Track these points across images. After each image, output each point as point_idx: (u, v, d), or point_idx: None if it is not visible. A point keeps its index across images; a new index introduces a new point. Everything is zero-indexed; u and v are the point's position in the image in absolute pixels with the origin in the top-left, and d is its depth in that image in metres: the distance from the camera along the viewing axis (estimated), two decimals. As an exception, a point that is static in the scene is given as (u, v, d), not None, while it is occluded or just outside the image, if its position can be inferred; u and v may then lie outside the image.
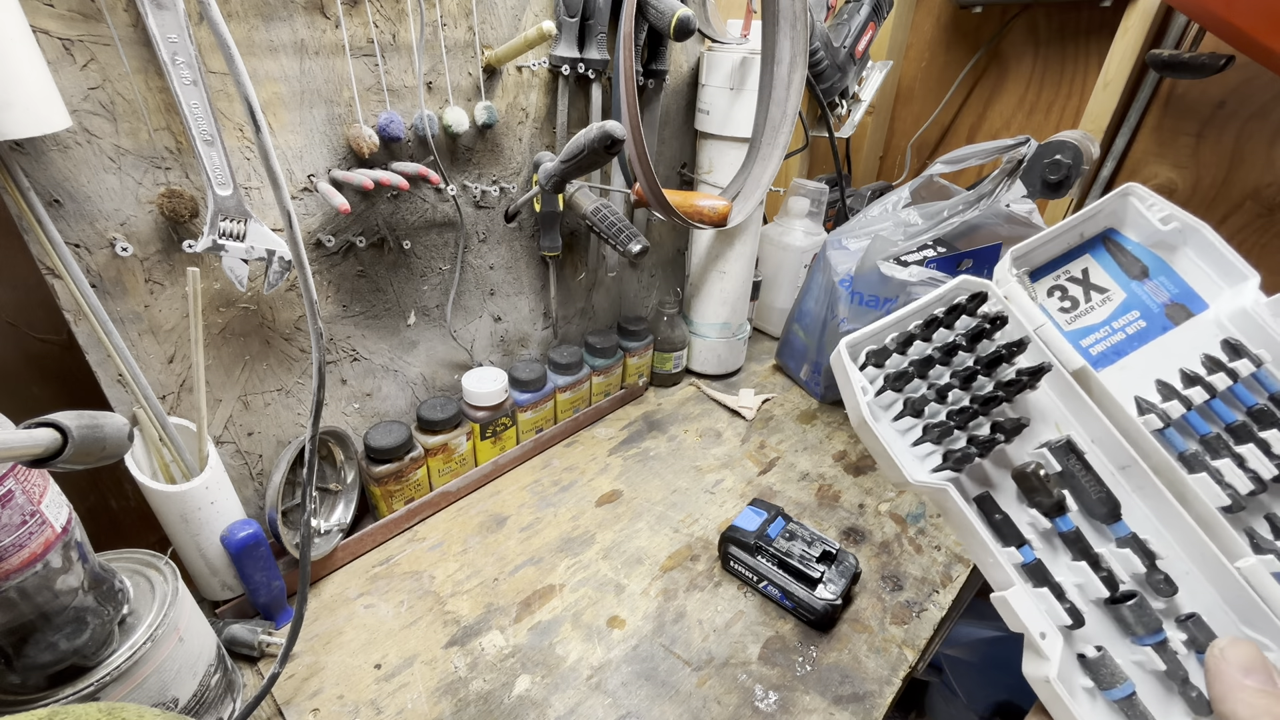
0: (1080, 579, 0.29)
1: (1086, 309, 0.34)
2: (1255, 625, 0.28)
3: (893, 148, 1.25)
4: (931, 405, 0.32)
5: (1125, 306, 0.34)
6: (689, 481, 0.70)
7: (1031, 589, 0.29)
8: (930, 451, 0.32)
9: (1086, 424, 0.31)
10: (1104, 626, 0.29)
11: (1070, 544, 0.30)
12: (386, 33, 0.49)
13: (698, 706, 0.47)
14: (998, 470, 0.32)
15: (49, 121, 0.35)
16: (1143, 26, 0.85)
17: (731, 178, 0.76)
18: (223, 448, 0.52)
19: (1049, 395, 0.33)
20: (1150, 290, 0.34)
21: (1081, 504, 0.30)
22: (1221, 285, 0.33)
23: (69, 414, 0.27)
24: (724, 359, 0.88)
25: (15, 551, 0.31)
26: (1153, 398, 0.32)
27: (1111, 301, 0.34)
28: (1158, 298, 0.34)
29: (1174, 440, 0.31)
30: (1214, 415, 0.31)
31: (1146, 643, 0.28)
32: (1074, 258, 0.36)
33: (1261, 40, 0.60)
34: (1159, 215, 0.34)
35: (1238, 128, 0.88)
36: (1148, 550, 0.29)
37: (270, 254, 0.45)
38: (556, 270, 0.72)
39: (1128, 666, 0.28)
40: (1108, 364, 0.33)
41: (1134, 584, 0.29)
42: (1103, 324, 0.34)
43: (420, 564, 0.58)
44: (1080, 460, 0.30)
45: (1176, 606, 0.29)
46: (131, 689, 0.36)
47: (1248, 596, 0.28)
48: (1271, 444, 0.29)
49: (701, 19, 0.70)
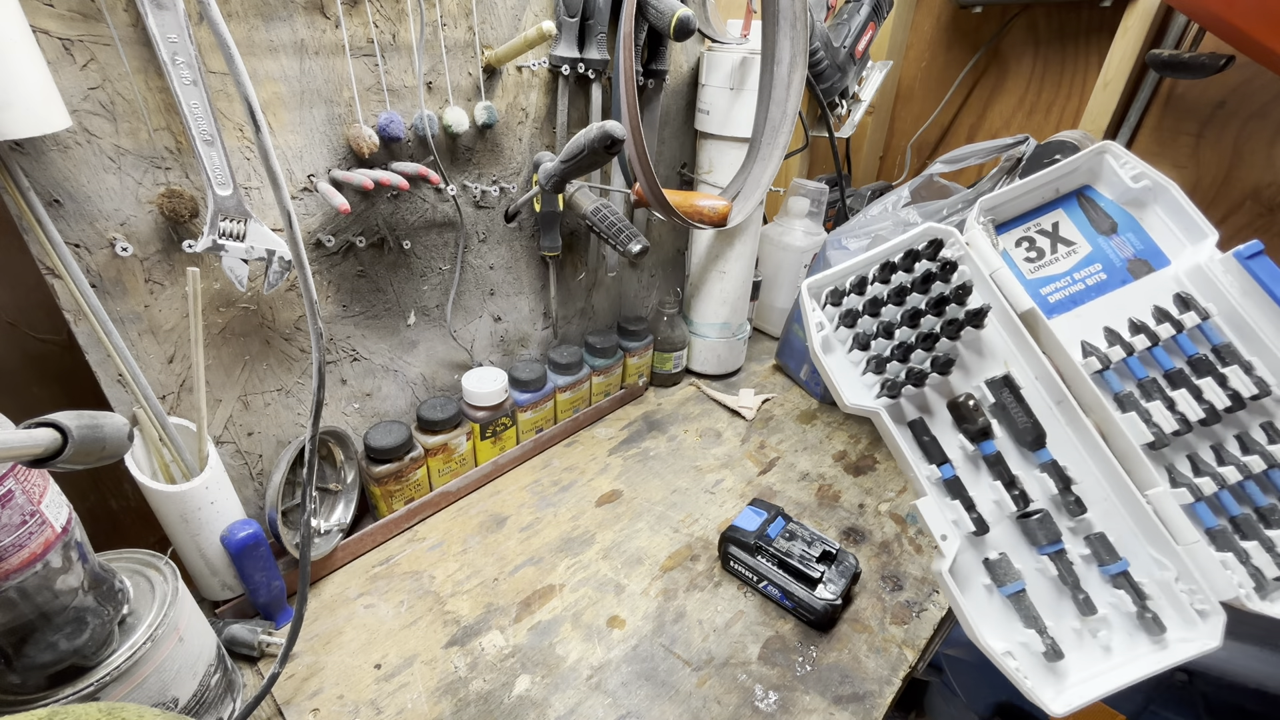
0: (998, 496, 0.33)
1: (1051, 259, 0.36)
2: (1161, 549, 0.31)
3: (893, 148, 1.25)
4: (879, 341, 0.35)
5: (1089, 259, 0.36)
6: (689, 481, 0.70)
7: (946, 500, 0.33)
8: (873, 382, 0.35)
9: (1029, 362, 0.34)
10: (1012, 537, 0.33)
11: (992, 466, 0.33)
12: (386, 33, 0.49)
13: (698, 706, 0.47)
14: (939, 400, 0.35)
15: (49, 121, 0.35)
16: (1143, 26, 0.85)
17: (731, 178, 0.76)
18: (223, 448, 0.52)
19: (1000, 335, 0.35)
20: (1116, 245, 0.36)
21: (1011, 432, 0.34)
22: (1185, 243, 0.34)
23: (69, 414, 0.27)
24: (724, 359, 0.88)
25: (15, 551, 0.31)
26: (1100, 344, 0.34)
27: (1077, 254, 0.36)
28: (1122, 252, 0.35)
29: (1112, 382, 0.33)
30: (1155, 362, 0.33)
31: (1046, 551, 0.32)
32: (1047, 211, 0.37)
33: (1261, 40, 0.60)
34: (1131, 173, 0.35)
35: (1238, 128, 0.88)
36: (1065, 476, 0.32)
37: (270, 254, 0.45)
38: (556, 270, 0.72)
39: (1028, 572, 0.32)
40: (1064, 311, 0.35)
41: (1047, 503, 0.33)
42: (1065, 274, 0.36)
43: (420, 564, 0.58)
44: (1015, 394, 0.34)
45: (1088, 525, 0.32)
46: (131, 689, 0.36)
47: (1153, 522, 0.31)
48: (1204, 390, 0.31)
49: (701, 19, 0.70)
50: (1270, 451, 0.30)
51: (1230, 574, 0.29)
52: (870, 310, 0.35)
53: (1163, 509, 0.31)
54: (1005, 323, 0.35)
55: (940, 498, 0.33)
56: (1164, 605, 0.30)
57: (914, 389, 0.34)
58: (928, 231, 0.36)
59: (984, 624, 0.31)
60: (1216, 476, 0.30)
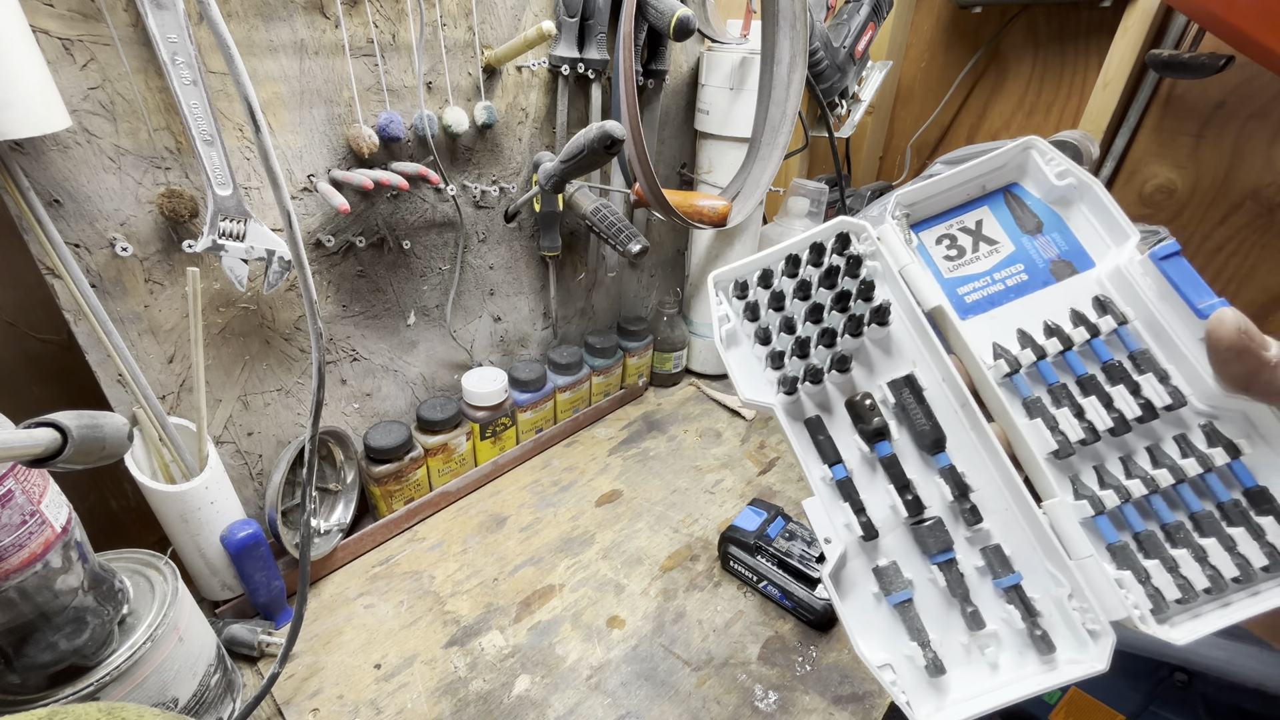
0: (892, 501, 0.32)
1: (972, 259, 0.35)
2: (1056, 564, 0.30)
3: (892, 148, 1.25)
4: (781, 336, 0.35)
5: (1011, 259, 0.34)
6: (689, 481, 0.70)
7: (836, 503, 0.32)
8: (773, 378, 0.34)
9: (935, 362, 0.33)
10: (903, 544, 0.32)
11: (887, 469, 0.32)
12: (386, 33, 0.49)
13: (697, 706, 0.47)
14: (839, 399, 0.34)
15: (49, 121, 0.35)
16: (1142, 27, 0.85)
17: (731, 178, 0.76)
18: (223, 448, 0.52)
19: (908, 333, 0.34)
20: (1040, 245, 0.34)
21: (911, 435, 0.33)
22: (1109, 244, 0.33)
23: (69, 414, 0.27)
24: (724, 359, 0.88)
25: (15, 551, 0.31)
26: (1012, 347, 0.33)
27: (999, 253, 0.35)
28: (1046, 253, 0.34)
29: (1020, 386, 0.32)
30: (1068, 367, 0.32)
31: (936, 560, 0.31)
32: (971, 209, 0.36)
33: (1261, 40, 0.60)
34: (1055, 170, 0.34)
35: (1238, 128, 0.88)
36: (962, 483, 0.31)
37: (270, 254, 0.45)
38: (556, 270, 0.72)
39: (919, 582, 0.31)
40: (979, 312, 0.34)
41: (943, 511, 0.32)
42: (984, 274, 0.34)
43: (420, 564, 0.58)
44: (916, 395, 0.33)
45: (985, 536, 0.31)
46: (131, 689, 0.36)
47: (1048, 535, 0.30)
48: (1115, 399, 0.30)
49: (701, 19, 0.70)
50: (1180, 466, 0.28)
51: (1125, 593, 0.27)
52: (773, 305, 0.35)
53: (1059, 521, 0.30)
54: (912, 321, 0.34)
55: (831, 499, 0.32)
56: (1056, 623, 0.29)
57: (812, 386, 0.34)
58: (838, 225, 0.35)
59: (867, 634, 0.30)
60: (1120, 489, 0.29)
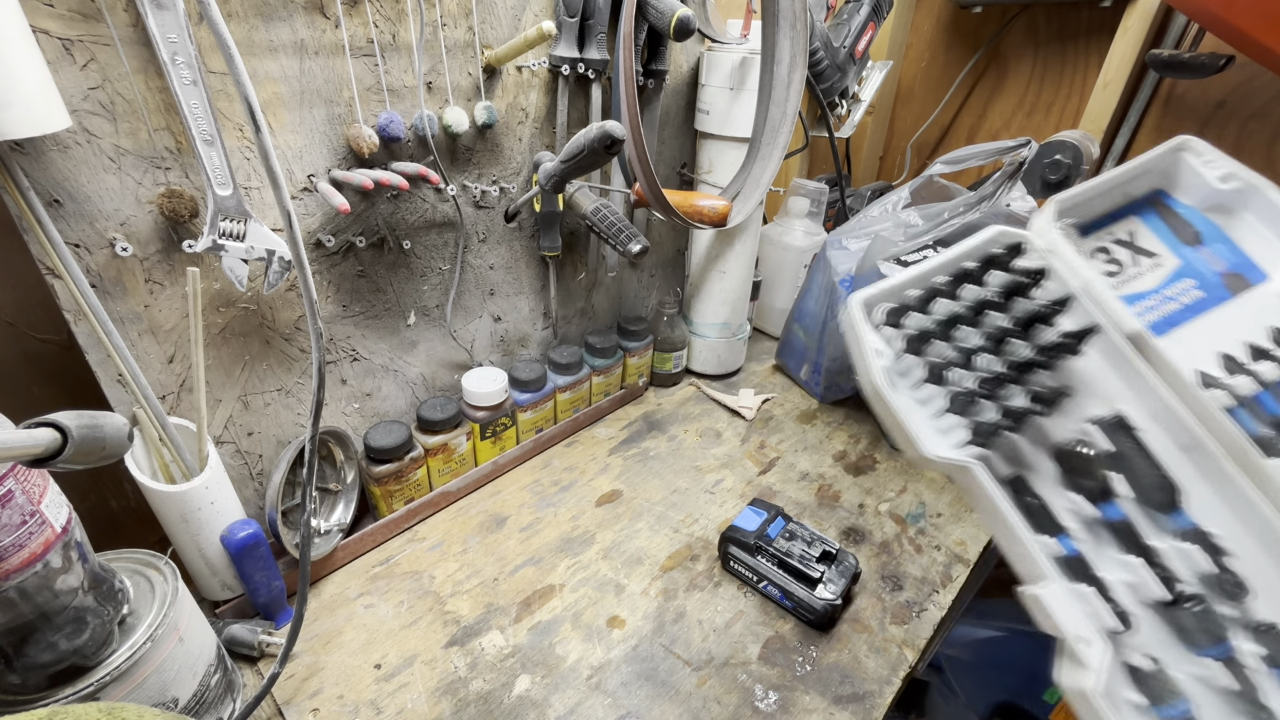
0: (1131, 576, 0.25)
1: (1134, 274, 0.31)
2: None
3: (893, 148, 1.25)
4: (957, 371, 0.28)
5: (1179, 274, 0.30)
6: (689, 481, 0.70)
7: (1071, 585, 0.25)
8: (955, 424, 0.28)
9: (1143, 398, 0.27)
10: (1158, 633, 0.25)
11: (1119, 535, 0.26)
12: (386, 33, 0.49)
13: (698, 706, 0.47)
14: (1035, 449, 0.28)
15: (49, 121, 0.35)
16: (1142, 26, 0.85)
17: (731, 178, 0.76)
18: (223, 448, 0.52)
19: (1098, 364, 0.28)
20: (1205, 257, 0.30)
21: (1135, 489, 0.26)
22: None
23: (69, 414, 0.27)
24: (724, 359, 0.88)
25: (15, 551, 0.31)
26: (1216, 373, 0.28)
27: (1163, 267, 0.31)
28: (1214, 266, 0.30)
29: (1244, 421, 0.26)
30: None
31: (1209, 654, 0.24)
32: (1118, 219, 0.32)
33: (1261, 40, 0.60)
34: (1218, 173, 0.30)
35: (1238, 128, 0.88)
36: (1214, 546, 0.25)
37: (270, 254, 0.45)
38: (556, 270, 0.72)
39: (1186, 680, 0.24)
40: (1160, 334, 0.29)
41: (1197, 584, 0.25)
42: (1154, 291, 0.30)
43: (420, 564, 0.58)
44: (1133, 439, 0.27)
45: (1249, 612, 0.25)
46: (131, 689, 0.36)
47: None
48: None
49: (701, 19, 0.70)
50: None
51: None
52: (943, 333, 0.28)
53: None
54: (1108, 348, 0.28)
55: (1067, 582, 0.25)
56: None
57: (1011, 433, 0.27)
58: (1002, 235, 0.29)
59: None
60: None
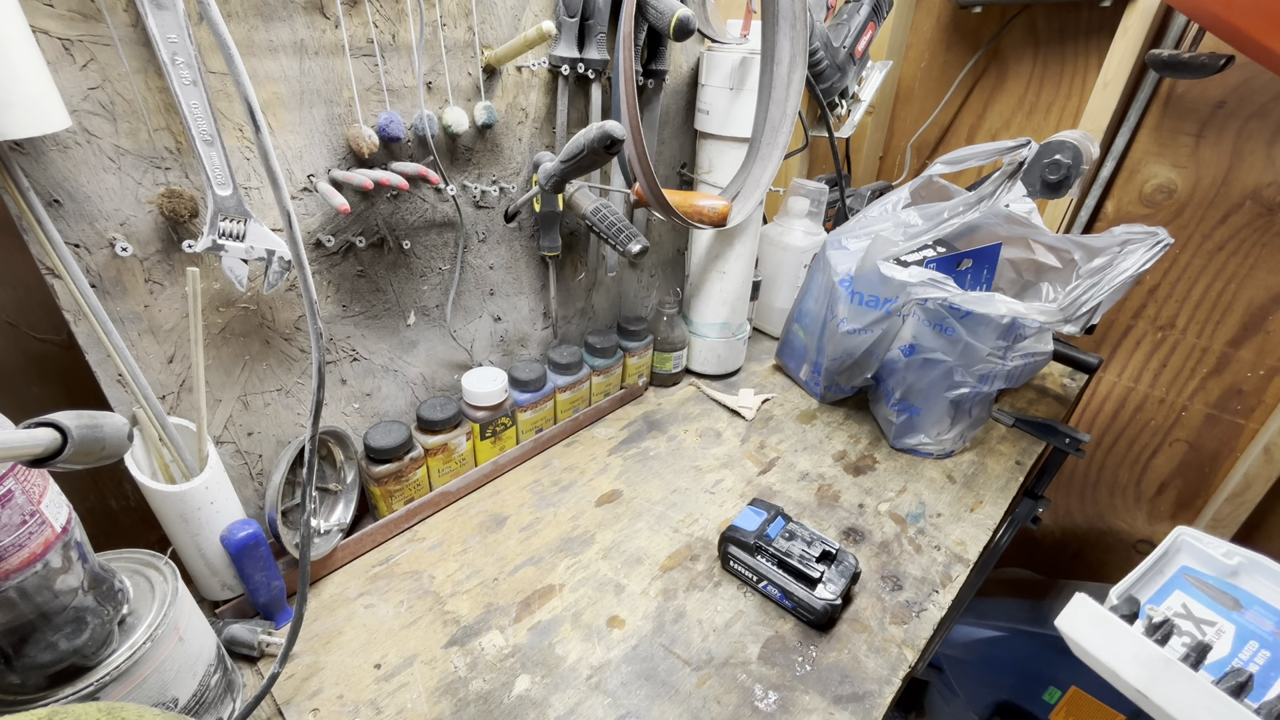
0: None
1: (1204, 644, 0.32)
2: None
3: (892, 148, 1.25)
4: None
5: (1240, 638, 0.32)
6: (689, 481, 0.70)
7: None
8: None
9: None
10: None
11: None
12: (386, 33, 0.49)
13: (697, 706, 0.47)
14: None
15: (49, 121, 0.35)
16: (1142, 26, 0.85)
17: (731, 178, 0.76)
18: (222, 448, 0.52)
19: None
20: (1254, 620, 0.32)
21: None
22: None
23: (69, 414, 0.27)
24: (724, 359, 0.88)
25: (15, 551, 0.31)
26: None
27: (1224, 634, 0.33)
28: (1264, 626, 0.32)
29: None
30: None
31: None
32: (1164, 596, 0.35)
33: (1261, 40, 0.60)
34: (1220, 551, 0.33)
35: (1238, 128, 0.88)
36: None
37: (270, 254, 0.45)
38: (556, 270, 0.72)
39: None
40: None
41: None
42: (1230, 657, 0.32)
43: (420, 564, 0.58)
44: None
45: None
46: (131, 689, 0.36)
47: None
48: None
49: (701, 19, 0.70)
50: None
51: None
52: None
53: None
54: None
55: None
56: None
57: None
58: None
59: None
60: None
